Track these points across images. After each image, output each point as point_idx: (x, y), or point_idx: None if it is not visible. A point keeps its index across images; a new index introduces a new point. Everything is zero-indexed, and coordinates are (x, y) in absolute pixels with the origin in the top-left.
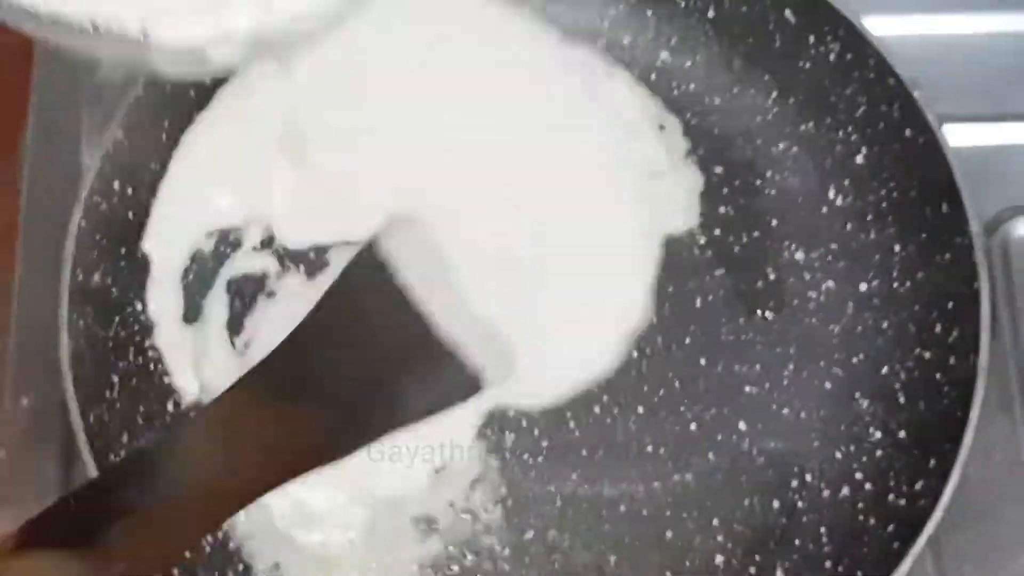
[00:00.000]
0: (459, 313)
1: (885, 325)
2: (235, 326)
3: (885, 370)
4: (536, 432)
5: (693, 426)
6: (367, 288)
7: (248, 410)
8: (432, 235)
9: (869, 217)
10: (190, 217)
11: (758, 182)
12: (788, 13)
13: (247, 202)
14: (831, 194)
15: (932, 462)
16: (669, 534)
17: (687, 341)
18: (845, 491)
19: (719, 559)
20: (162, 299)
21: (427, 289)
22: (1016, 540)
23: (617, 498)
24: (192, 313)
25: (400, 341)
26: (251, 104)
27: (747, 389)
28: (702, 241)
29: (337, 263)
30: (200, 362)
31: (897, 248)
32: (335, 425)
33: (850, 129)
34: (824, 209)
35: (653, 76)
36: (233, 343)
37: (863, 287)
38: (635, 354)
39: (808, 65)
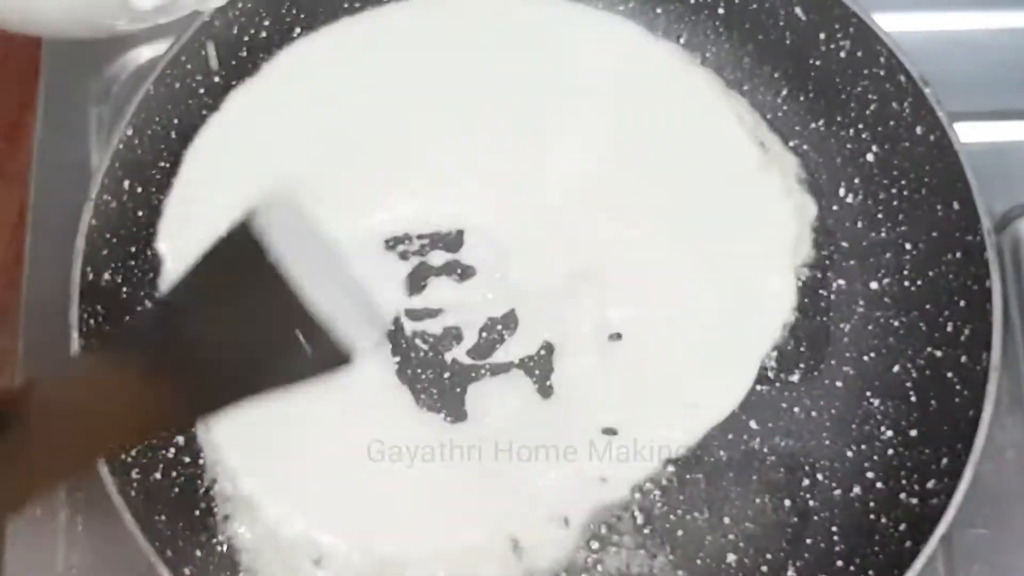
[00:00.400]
0: (332, 289)
1: (896, 323)
2: None
3: (896, 368)
4: None
5: None
6: (238, 261)
7: (108, 367)
8: (304, 213)
9: (880, 215)
10: (205, 216)
11: None
12: (798, 10)
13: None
14: (841, 192)
15: (944, 461)
16: (680, 533)
17: None
18: (856, 490)
19: (731, 558)
20: None
21: (300, 264)
22: None
23: (628, 497)
24: None
25: (269, 313)
26: (265, 103)
27: (758, 388)
28: None
29: None
30: None
31: (908, 246)
32: (194, 390)
33: (861, 127)
34: (834, 207)
35: None
36: None
37: (874, 285)
38: None
39: (818, 62)
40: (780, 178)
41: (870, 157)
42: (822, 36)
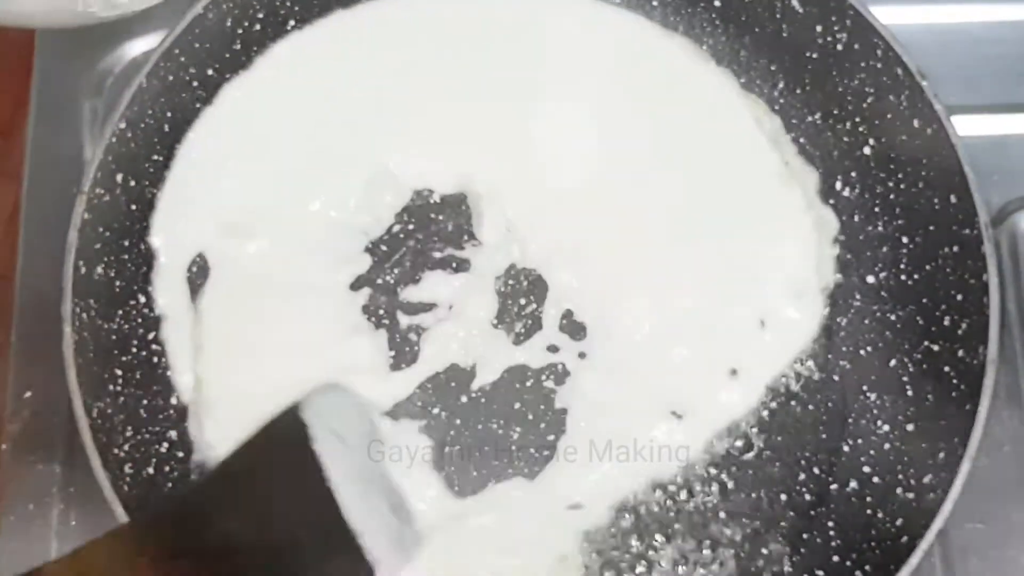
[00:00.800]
0: (371, 492)
1: (893, 317)
2: None
3: (893, 362)
4: None
5: None
6: (281, 451)
7: (125, 558)
8: (359, 402)
9: (877, 208)
10: (198, 210)
11: None
12: (795, 2)
13: (257, 196)
14: (838, 185)
15: (941, 455)
16: (677, 526)
17: None
18: (853, 484)
19: (727, 552)
20: (169, 293)
21: (342, 463)
22: None
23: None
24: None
25: (301, 513)
26: (259, 96)
27: None
28: None
29: None
30: (196, 355)
31: (905, 240)
32: None
33: (858, 120)
34: (831, 201)
35: None
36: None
37: (871, 279)
38: None
39: (815, 55)
40: (800, 192)
41: (867, 150)
42: (819, 28)
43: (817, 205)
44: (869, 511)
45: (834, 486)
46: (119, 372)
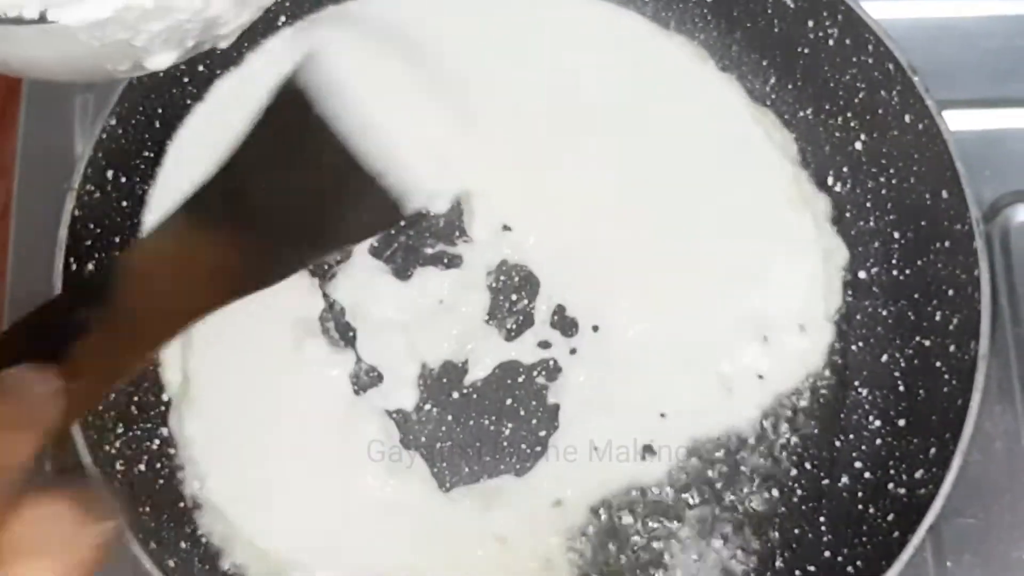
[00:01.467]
0: (381, 140)
1: (884, 313)
2: None
3: (884, 358)
4: None
5: None
6: (290, 120)
7: (185, 237)
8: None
9: (868, 204)
10: None
11: None
12: None
13: None
14: (830, 180)
15: (932, 451)
16: (663, 522)
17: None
18: (844, 480)
19: (717, 544)
20: None
21: (349, 118)
22: (1016, 529)
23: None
24: None
25: (323, 170)
26: (250, 92)
27: None
28: None
29: None
30: (184, 352)
31: (896, 235)
32: (266, 249)
33: (849, 115)
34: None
35: None
36: None
37: (862, 274)
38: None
39: (807, 50)
40: (811, 219)
41: (858, 145)
42: (810, 23)
43: (828, 233)
44: (861, 506)
45: (825, 481)
46: None
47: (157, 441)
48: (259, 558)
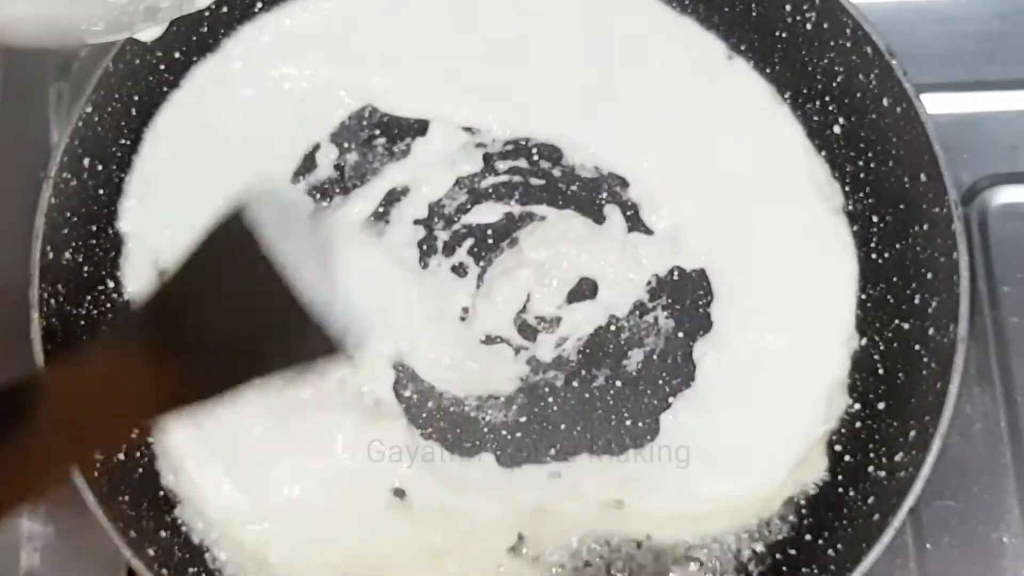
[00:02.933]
0: (321, 281)
1: (863, 296)
2: None
3: (864, 341)
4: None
5: (672, 400)
6: (231, 253)
7: (117, 358)
8: (295, 206)
9: (847, 187)
10: (166, 195)
11: None
12: None
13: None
14: None
15: (912, 433)
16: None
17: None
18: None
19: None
20: (138, 278)
21: (291, 256)
22: (995, 511)
23: None
24: None
25: (262, 304)
26: (227, 80)
27: None
28: None
29: None
30: None
31: (875, 218)
32: (198, 373)
33: (827, 99)
34: None
35: None
36: None
37: None
38: (613, 328)
39: (784, 34)
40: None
41: (837, 129)
42: (788, 8)
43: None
44: (841, 489)
45: None
46: None
47: (135, 430)
48: (237, 548)
